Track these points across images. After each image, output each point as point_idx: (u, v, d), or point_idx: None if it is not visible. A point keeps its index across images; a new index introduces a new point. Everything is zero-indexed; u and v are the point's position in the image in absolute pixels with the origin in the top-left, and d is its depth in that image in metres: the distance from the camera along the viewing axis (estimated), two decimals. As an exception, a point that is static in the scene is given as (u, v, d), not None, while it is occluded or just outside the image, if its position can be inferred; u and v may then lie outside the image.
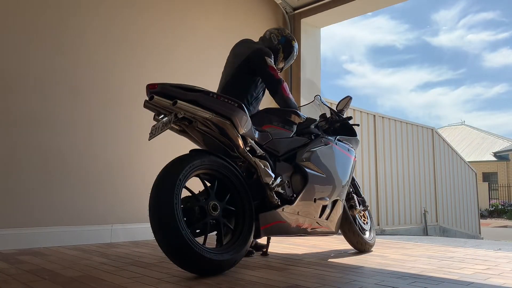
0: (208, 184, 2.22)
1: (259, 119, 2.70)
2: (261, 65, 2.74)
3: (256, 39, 4.84)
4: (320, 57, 5.29)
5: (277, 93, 2.74)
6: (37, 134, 3.17)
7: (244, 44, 2.94)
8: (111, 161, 3.55)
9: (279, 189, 2.41)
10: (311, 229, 2.59)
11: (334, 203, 2.74)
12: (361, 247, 2.99)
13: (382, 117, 6.97)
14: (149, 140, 2.25)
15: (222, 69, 4.41)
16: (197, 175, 2.18)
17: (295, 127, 2.78)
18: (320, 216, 2.63)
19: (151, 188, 2.03)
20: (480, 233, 9.78)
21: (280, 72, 3.07)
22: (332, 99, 5.54)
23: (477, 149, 27.31)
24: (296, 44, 3.07)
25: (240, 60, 2.83)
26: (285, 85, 2.75)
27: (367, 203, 3.27)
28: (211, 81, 4.31)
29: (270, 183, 2.34)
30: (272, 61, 2.77)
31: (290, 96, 2.76)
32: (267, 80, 2.75)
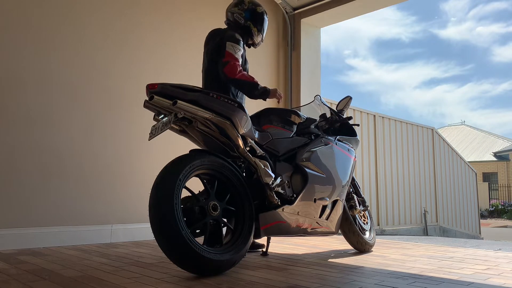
0: (208, 184, 2.22)
1: (259, 119, 2.70)
2: (222, 52, 2.61)
3: (256, 39, 4.85)
4: (320, 57, 5.29)
5: (222, 78, 2.61)
6: (37, 134, 3.16)
7: (212, 36, 2.81)
8: (111, 161, 3.55)
9: (279, 189, 2.41)
10: (311, 229, 2.59)
11: (334, 203, 2.74)
12: (361, 247, 2.99)
13: (382, 117, 6.98)
14: (149, 140, 2.25)
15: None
16: (197, 175, 2.19)
17: (295, 127, 2.78)
18: (320, 216, 2.63)
19: (151, 188, 2.04)
20: (480, 233, 9.78)
21: (262, 42, 2.94)
22: (334, 98, 5.54)
23: (477, 149, 27.30)
24: (262, 9, 2.87)
25: (211, 55, 2.73)
26: (232, 66, 2.55)
27: (367, 203, 3.27)
28: (211, 81, 4.31)
29: (270, 183, 2.34)
30: (235, 45, 2.61)
31: (238, 77, 2.55)
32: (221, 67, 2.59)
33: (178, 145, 3.86)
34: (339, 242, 3.63)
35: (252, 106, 4.60)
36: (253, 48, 3.04)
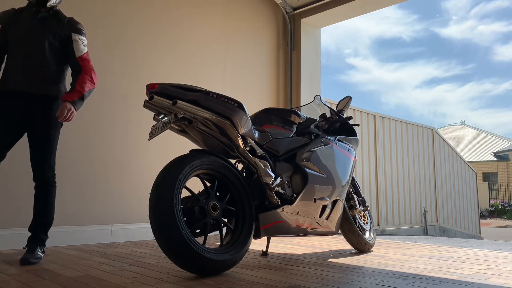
0: (208, 184, 2.22)
1: (259, 119, 2.71)
2: None
3: (256, 39, 4.87)
4: (320, 57, 5.29)
5: None
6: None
7: None
8: (110, 161, 3.54)
9: (279, 189, 2.41)
10: (311, 229, 2.59)
11: (334, 203, 2.74)
12: (361, 247, 2.99)
13: (382, 117, 6.97)
14: (149, 140, 2.26)
15: (221, 69, 4.43)
16: (197, 175, 2.19)
17: (295, 127, 2.78)
18: (320, 216, 2.63)
19: (151, 188, 2.04)
20: (480, 233, 9.77)
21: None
22: (334, 98, 5.54)
23: (477, 149, 27.29)
24: None
25: None
26: None
27: (367, 203, 3.27)
28: (210, 81, 4.31)
29: (270, 183, 2.34)
30: None
31: None
32: None
33: (178, 145, 3.86)
34: (339, 242, 3.63)
35: (253, 106, 4.61)
36: (254, 49, 3.04)
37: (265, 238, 3.01)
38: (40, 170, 2.51)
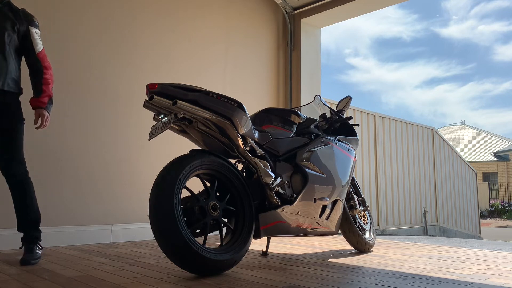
0: (208, 184, 2.22)
1: (259, 119, 2.71)
2: None
3: (256, 39, 4.87)
4: (320, 57, 5.29)
5: None
6: (36, 134, 3.16)
7: None
8: (110, 161, 3.54)
9: (279, 189, 2.41)
10: (311, 229, 2.59)
11: (334, 203, 2.74)
12: (361, 247, 2.99)
13: (382, 117, 6.98)
14: (149, 140, 2.26)
15: (221, 69, 4.43)
16: (197, 175, 2.19)
17: (295, 127, 2.78)
18: (320, 216, 2.63)
19: (151, 188, 2.04)
20: (480, 233, 9.78)
21: None
22: (334, 98, 5.54)
23: (477, 149, 27.29)
24: None
25: None
26: None
27: (367, 203, 3.27)
28: (210, 81, 4.31)
29: (270, 183, 2.34)
30: None
31: None
32: None
33: (178, 145, 3.86)
34: (339, 242, 3.63)
35: (253, 106, 4.61)
36: (254, 49, 3.03)
37: (265, 238, 3.02)
38: (9, 168, 2.40)
